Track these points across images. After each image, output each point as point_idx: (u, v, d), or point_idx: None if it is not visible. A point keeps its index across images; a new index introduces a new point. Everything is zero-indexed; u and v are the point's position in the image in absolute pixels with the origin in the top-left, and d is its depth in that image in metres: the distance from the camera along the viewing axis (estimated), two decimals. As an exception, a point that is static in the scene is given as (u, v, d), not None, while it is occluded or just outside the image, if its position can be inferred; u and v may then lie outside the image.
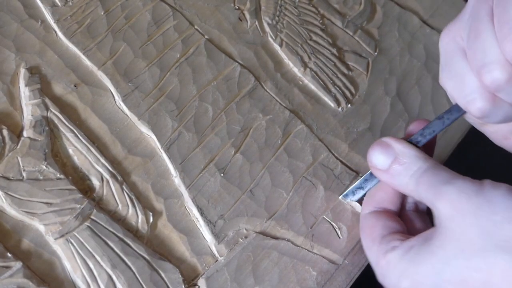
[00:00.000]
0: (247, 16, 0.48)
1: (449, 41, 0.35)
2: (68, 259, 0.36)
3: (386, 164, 0.37)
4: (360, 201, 0.43)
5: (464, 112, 0.37)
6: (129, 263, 0.37)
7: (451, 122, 0.38)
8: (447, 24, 0.36)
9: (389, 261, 0.35)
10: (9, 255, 0.35)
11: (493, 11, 0.32)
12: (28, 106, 0.39)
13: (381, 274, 0.36)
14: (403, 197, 0.40)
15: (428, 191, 0.34)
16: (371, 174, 0.41)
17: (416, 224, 0.39)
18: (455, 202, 0.32)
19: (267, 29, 0.48)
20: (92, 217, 0.37)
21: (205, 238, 0.40)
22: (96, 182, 0.38)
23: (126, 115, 0.42)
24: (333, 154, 0.45)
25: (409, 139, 0.39)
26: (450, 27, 0.36)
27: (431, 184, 0.34)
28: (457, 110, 0.38)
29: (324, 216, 0.43)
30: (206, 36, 0.46)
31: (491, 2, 0.32)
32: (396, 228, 0.37)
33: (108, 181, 0.39)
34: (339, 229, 0.43)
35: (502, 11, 0.31)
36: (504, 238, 0.30)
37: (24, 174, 0.37)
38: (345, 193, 0.43)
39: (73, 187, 0.37)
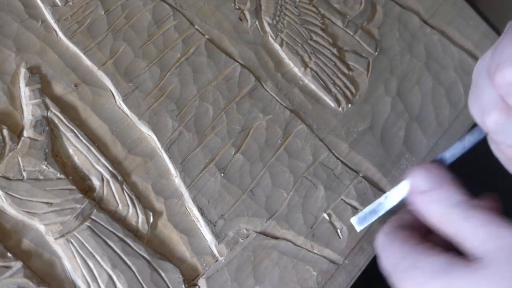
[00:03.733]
0: (248, 16, 0.48)
1: (479, 64, 0.35)
2: (68, 259, 0.36)
3: (426, 188, 0.36)
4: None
5: (486, 133, 0.35)
6: (129, 263, 0.37)
7: (472, 144, 0.37)
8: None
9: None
10: (9, 255, 0.35)
11: None
12: (29, 106, 0.39)
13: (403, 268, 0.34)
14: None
15: (481, 228, 0.33)
16: (385, 197, 0.39)
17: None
18: None
19: (268, 29, 0.48)
20: (93, 217, 0.37)
21: (205, 238, 0.40)
22: (96, 182, 0.38)
23: (127, 115, 0.42)
24: (333, 154, 0.45)
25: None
26: (484, 55, 0.35)
27: (487, 223, 0.33)
28: (479, 132, 0.36)
29: (325, 216, 0.43)
30: (206, 36, 0.46)
31: None
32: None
33: (108, 181, 0.39)
34: (339, 229, 0.43)
35: None
36: None
37: (24, 174, 0.37)
38: (357, 216, 0.40)
39: (74, 187, 0.37)
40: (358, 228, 0.39)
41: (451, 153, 0.37)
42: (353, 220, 0.39)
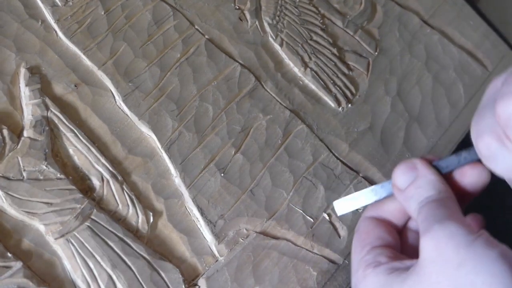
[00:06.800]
0: (248, 16, 0.48)
1: (491, 85, 0.33)
2: (68, 259, 0.36)
3: (404, 184, 0.35)
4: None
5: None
6: (129, 263, 0.37)
7: (467, 162, 0.35)
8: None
9: (367, 274, 0.33)
10: (9, 255, 0.35)
11: None
12: (29, 106, 0.39)
13: (354, 283, 0.35)
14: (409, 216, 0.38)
15: (422, 224, 0.32)
16: (372, 190, 0.39)
17: (412, 244, 0.37)
18: (441, 246, 0.30)
19: (268, 29, 0.48)
20: (92, 217, 0.37)
21: (205, 238, 0.40)
22: (96, 182, 0.38)
23: (127, 115, 0.42)
24: (333, 154, 0.45)
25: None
26: (498, 77, 0.33)
27: (426, 218, 0.32)
28: (475, 152, 0.35)
29: (325, 216, 0.43)
30: (206, 36, 0.46)
31: None
32: (390, 243, 0.36)
33: (108, 181, 0.39)
34: (339, 229, 0.43)
35: None
36: None
37: (24, 174, 0.37)
38: (340, 200, 0.40)
39: (73, 187, 0.37)
40: (339, 212, 0.38)
41: (445, 164, 0.36)
42: (336, 204, 0.38)
